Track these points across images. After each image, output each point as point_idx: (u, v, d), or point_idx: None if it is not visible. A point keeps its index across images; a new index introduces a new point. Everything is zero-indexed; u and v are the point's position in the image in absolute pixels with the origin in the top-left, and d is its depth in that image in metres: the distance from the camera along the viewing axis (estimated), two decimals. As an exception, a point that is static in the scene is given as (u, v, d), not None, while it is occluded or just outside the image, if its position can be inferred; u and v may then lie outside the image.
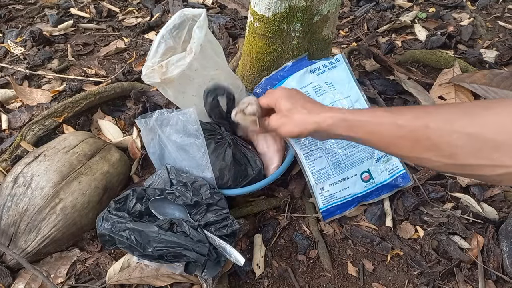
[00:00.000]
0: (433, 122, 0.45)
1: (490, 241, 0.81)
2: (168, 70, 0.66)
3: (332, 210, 0.85)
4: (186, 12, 0.70)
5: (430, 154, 0.46)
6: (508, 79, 1.12)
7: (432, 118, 0.46)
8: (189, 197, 0.73)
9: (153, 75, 0.66)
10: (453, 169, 0.46)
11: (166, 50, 0.73)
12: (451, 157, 0.44)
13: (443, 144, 0.44)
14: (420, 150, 0.47)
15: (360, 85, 0.93)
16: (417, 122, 0.47)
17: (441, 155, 0.45)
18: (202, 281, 0.72)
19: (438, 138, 0.44)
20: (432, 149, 0.46)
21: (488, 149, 0.41)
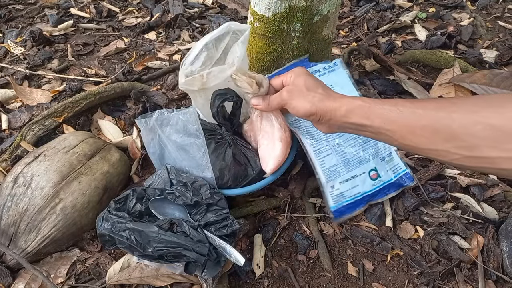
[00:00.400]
0: (456, 112, 0.44)
1: (490, 241, 0.81)
2: (208, 80, 0.67)
3: (343, 209, 0.85)
4: (232, 25, 0.72)
5: (449, 145, 0.45)
6: (508, 79, 1.12)
7: (455, 108, 0.44)
8: (189, 197, 0.73)
9: (192, 83, 0.68)
10: (471, 162, 0.45)
11: (206, 59, 0.74)
12: (471, 149, 0.43)
13: (465, 135, 0.43)
14: (439, 141, 0.46)
15: (360, 85, 0.93)
16: (439, 112, 0.46)
17: (461, 147, 0.44)
18: (202, 281, 0.72)
19: (460, 128, 0.43)
20: (452, 140, 0.44)
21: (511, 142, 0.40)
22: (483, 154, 0.42)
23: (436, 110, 0.46)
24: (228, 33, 0.75)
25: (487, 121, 0.41)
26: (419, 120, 0.48)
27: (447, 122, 0.44)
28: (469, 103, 0.45)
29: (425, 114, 0.47)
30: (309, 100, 0.59)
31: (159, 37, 1.53)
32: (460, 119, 0.43)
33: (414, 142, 0.49)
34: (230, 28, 0.73)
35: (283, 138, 0.76)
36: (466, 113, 0.43)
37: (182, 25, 1.58)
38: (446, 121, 0.45)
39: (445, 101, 0.48)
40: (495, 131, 0.41)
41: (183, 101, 1.19)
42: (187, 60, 0.73)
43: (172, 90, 1.23)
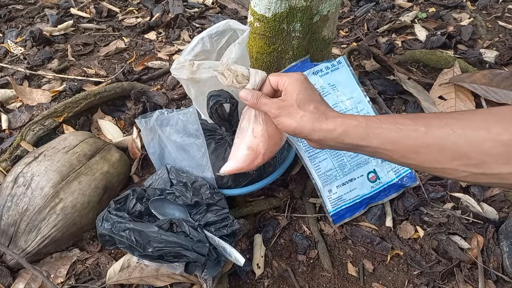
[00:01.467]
0: (462, 128, 0.42)
1: (490, 241, 0.81)
2: (198, 70, 0.66)
3: (342, 213, 0.85)
4: (231, 24, 0.72)
5: (457, 163, 0.43)
6: (508, 79, 1.12)
7: (461, 124, 0.42)
8: (189, 197, 0.73)
9: (181, 71, 0.67)
10: (480, 179, 0.43)
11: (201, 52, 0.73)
12: (481, 166, 0.41)
13: (473, 153, 0.41)
14: (445, 160, 0.44)
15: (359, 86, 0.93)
16: (444, 129, 0.43)
17: (469, 165, 0.42)
18: (202, 281, 0.72)
19: (469, 146, 0.41)
20: (460, 158, 0.42)
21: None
22: (493, 171, 0.41)
23: (440, 127, 0.44)
24: (227, 31, 0.74)
25: (497, 137, 0.39)
26: (423, 139, 0.45)
27: (454, 140, 0.42)
28: (476, 118, 0.43)
29: (428, 132, 0.44)
30: (297, 120, 0.54)
31: (159, 37, 1.53)
32: (468, 136, 0.41)
33: (418, 161, 0.47)
34: (229, 26, 0.73)
35: (251, 147, 0.67)
36: (474, 130, 0.41)
37: (182, 25, 1.58)
38: (452, 139, 0.42)
39: (449, 116, 0.45)
40: (506, 148, 0.39)
41: (183, 101, 1.19)
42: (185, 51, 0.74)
43: (172, 90, 1.23)
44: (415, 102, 1.16)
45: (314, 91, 0.57)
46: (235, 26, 0.73)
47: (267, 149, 0.67)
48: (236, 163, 0.67)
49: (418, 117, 0.47)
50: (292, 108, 0.55)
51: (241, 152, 0.67)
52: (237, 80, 0.62)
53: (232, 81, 0.62)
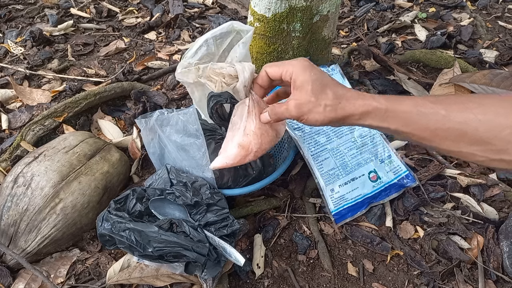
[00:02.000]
0: (483, 114, 0.42)
1: (490, 241, 0.81)
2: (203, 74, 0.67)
3: (344, 212, 0.85)
4: (235, 25, 0.72)
5: (475, 148, 0.43)
6: (508, 79, 1.12)
7: (482, 110, 0.42)
8: (189, 197, 0.73)
9: (187, 75, 0.67)
10: (497, 164, 0.43)
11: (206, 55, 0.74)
12: (499, 152, 0.41)
13: (493, 139, 0.41)
14: (464, 144, 0.44)
15: (360, 85, 0.93)
16: (465, 114, 0.43)
17: (488, 150, 0.42)
18: (202, 281, 0.72)
19: (489, 132, 0.41)
20: (479, 144, 0.43)
21: None
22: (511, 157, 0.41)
23: (461, 111, 0.44)
24: (230, 33, 0.75)
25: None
26: (443, 123, 0.45)
27: (474, 125, 0.42)
28: (496, 105, 0.43)
29: (449, 116, 0.44)
30: (320, 113, 0.53)
31: (159, 37, 1.53)
32: (488, 122, 0.41)
33: (436, 144, 0.47)
34: (232, 28, 0.73)
35: (242, 145, 0.65)
36: (494, 116, 0.41)
37: (182, 25, 1.58)
38: (473, 124, 0.42)
39: (469, 101, 0.45)
40: None
41: (183, 101, 1.19)
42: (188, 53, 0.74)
43: (172, 90, 1.23)
44: (415, 102, 1.16)
45: (323, 75, 0.55)
46: (239, 27, 0.73)
47: (259, 147, 0.65)
48: (226, 159, 0.65)
49: (439, 100, 0.47)
50: (310, 103, 0.53)
51: (231, 149, 0.65)
52: (225, 83, 0.60)
53: (221, 85, 0.60)
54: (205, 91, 0.72)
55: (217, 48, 0.75)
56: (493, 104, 0.43)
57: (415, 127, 0.48)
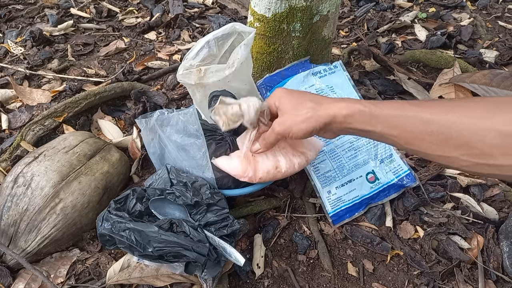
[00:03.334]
0: (468, 117, 0.42)
1: (490, 241, 0.81)
2: (205, 76, 0.67)
3: (341, 214, 0.85)
4: (236, 27, 0.72)
5: (460, 152, 0.43)
6: (508, 79, 1.12)
7: (466, 113, 0.42)
8: (189, 197, 0.73)
9: (189, 76, 0.68)
10: (481, 169, 0.43)
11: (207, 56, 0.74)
12: (484, 157, 0.41)
13: (478, 142, 0.41)
14: (449, 148, 0.44)
15: (360, 85, 0.93)
16: (449, 117, 0.43)
17: (473, 154, 0.42)
18: (202, 281, 0.72)
19: (473, 136, 0.41)
20: (464, 147, 0.42)
21: None
22: (496, 162, 0.41)
23: (445, 114, 0.43)
24: (232, 34, 0.75)
25: (501, 128, 0.39)
26: (428, 126, 0.45)
27: (458, 129, 0.42)
28: (481, 107, 0.42)
29: (433, 120, 0.44)
30: (303, 120, 0.54)
31: (159, 37, 1.53)
32: (473, 125, 0.41)
33: (422, 148, 0.47)
34: (234, 29, 0.73)
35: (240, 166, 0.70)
36: (479, 120, 0.41)
37: (182, 25, 1.58)
38: (457, 128, 0.42)
39: (454, 105, 0.45)
40: (506, 139, 0.39)
41: (183, 101, 1.19)
42: (189, 55, 0.74)
43: (172, 90, 1.23)
44: (415, 102, 1.16)
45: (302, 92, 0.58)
46: (240, 29, 0.73)
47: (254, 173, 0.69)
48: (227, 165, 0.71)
49: (423, 104, 0.47)
50: (292, 116, 0.55)
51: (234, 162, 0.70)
52: (232, 121, 0.61)
53: (228, 125, 0.62)
54: (206, 92, 0.73)
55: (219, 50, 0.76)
56: (478, 107, 0.43)
57: (400, 130, 0.48)
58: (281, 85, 0.93)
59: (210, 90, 0.72)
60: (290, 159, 0.70)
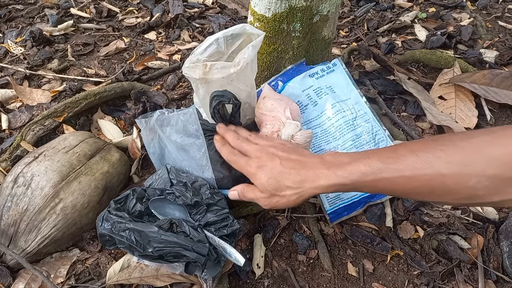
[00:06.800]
0: (446, 168, 0.43)
1: (490, 241, 0.81)
2: (210, 71, 0.67)
3: (339, 211, 0.85)
4: (247, 28, 0.73)
5: (448, 198, 0.45)
6: (508, 79, 1.13)
7: (444, 164, 0.43)
8: (189, 197, 0.73)
9: (194, 70, 0.68)
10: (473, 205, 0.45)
11: (215, 53, 0.74)
12: (471, 198, 0.42)
13: (462, 189, 0.42)
14: (436, 196, 0.45)
15: (359, 86, 0.93)
16: (429, 171, 0.44)
17: (460, 198, 0.43)
18: (202, 281, 0.72)
19: (456, 184, 0.42)
20: (450, 195, 0.44)
21: (510, 186, 0.40)
22: (485, 200, 0.42)
23: (424, 169, 0.44)
24: (242, 35, 0.75)
25: (482, 173, 0.40)
26: (411, 182, 0.46)
27: (441, 180, 0.43)
28: (455, 152, 0.43)
29: (415, 177, 0.45)
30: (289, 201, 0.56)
31: (159, 37, 1.53)
32: (454, 176, 0.42)
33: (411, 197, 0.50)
34: (244, 30, 0.74)
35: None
36: (457, 167, 0.42)
37: (182, 25, 1.58)
38: (439, 180, 0.43)
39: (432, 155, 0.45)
40: (491, 181, 0.40)
41: (183, 101, 1.19)
42: (197, 50, 0.74)
43: (172, 90, 1.23)
44: (415, 102, 1.16)
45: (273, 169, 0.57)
46: (250, 31, 0.73)
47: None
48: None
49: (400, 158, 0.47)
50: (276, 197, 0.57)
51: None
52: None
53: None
54: (209, 88, 0.73)
55: (227, 48, 0.76)
56: (453, 153, 0.43)
57: (384, 191, 0.49)
58: (279, 92, 0.93)
59: (214, 86, 0.72)
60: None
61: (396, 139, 1.00)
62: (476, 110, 1.11)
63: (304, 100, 0.92)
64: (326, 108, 0.91)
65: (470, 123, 1.08)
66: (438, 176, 0.43)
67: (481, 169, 0.41)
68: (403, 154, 0.47)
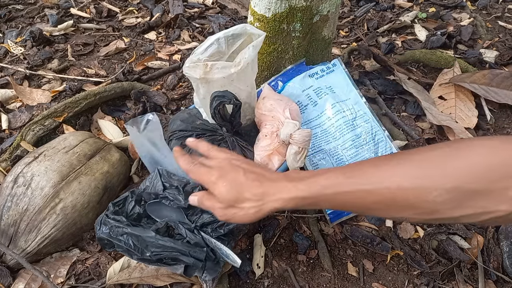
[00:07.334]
0: (405, 181, 0.42)
1: (490, 241, 0.81)
2: (211, 71, 0.67)
3: (339, 211, 0.85)
4: (248, 28, 0.73)
5: (409, 213, 0.44)
6: (508, 79, 1.13)
7: (404, 177, 0.43)
8: (182, 200, 0.72)
9: (195, 70, 0.68)
10: (435, 221, 0.44)
11: (215, 53, 0.74)
12: (432, 213, 0.42)
13: (422, 203, 0.41)
14: (397, 211, 0.44)
15: (359, 86, 0.93)
16: (388, 184, 0.43)
17: (421, 213, 0.43)
18: (202, 281, 0.72)
19: (416, 198, 0.42)
20: (411, 209, 0.43)
21: (471, 199, 0.39)
22: (446, 215, 0.41)
23: (387, 182, 0.44)
24: (242, 35, 0.75)
25: (441, 186, 0.40)
26: (369, 197, 0.45)
27: (401, 194, 0.43)
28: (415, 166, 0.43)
29: (376, 190, 0.44)
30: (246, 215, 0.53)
31: (159, 37, 1.53)
32: (415, 190, 0.42)
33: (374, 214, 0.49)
34: (245, 30, 0.74)
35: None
36: (419, 181, 0.42)
37: (182, 25, 1.58)
38: (400, 194, 0.43)
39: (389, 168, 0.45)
40: (451, 194, 0.40)
41: (183, 101, 1.19)
42: (198, 49, 0.74)
43: (172, 90, 1.23)
44: (415, 102, 1.16)
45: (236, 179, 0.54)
46: (251, 31, 0.73)
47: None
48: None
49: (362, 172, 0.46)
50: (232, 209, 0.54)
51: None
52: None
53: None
54: (209, 88, 0.73)
55: (228, 48, 0.76)
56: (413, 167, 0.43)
57: (346, 206, 0.49)
58: (279, 92, 0.93)
59: (214, 86, 0.72)
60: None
61: (396, 139, 1.00)
62: (476, 110, 1.11)
63: (304, 100, 0.92)
64: (326, 108, 0.91)
65: (470, 123, 1.08)
66: (397, 190, 0.43)
67: (441, 182, 0.40)
68: (365, 169, 0.47)
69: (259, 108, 0.81)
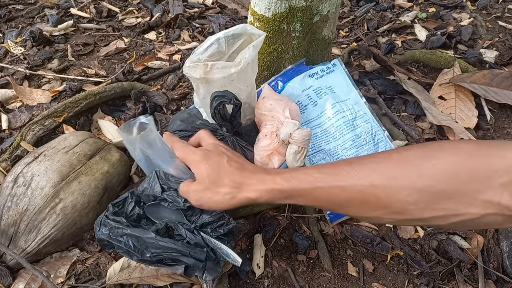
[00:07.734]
0: (378, 180, 0.43)
1: (490, 241, 0.81)
2: (211, 71, 0.67)
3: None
4: (248, 28, 0.73)
5: (380, 212, 0.44)
6: (508, 79, 1.13)
7: (377, 176, 0.43)
8: (181, 202, 0.72)
9: (195, 70, 0.68)
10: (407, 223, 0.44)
11: (215, 53, 0.74)
12: (403, 213, 0.42)
13: (394, 203, 0.42)
14: (368, 210, 0.45)
15: (359, 86, 0.93)
16: (362, 181, 0.44)
17: (392, 213, 0.43)
18: (202, 281, 0.72)
19: (387, 197, 0.42)
20: (382, 208, 0.43)
21: (441, 201, 0.39)
22: (416, 216, 0.41)
23: (357, 179, 0.45)
24: (243, 35, 0.75)
25: (412, 185, 0.40)
26: (343, 194, 0.46)
27: (373, 192, 0.43)
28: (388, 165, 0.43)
29: (349, 187, 0.45)
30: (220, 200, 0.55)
31: (159, 37, 1.53)
32: (386, 188, 0.42)
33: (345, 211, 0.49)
34: (245, 30, 0.73)
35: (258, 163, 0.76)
36: (389, 179, 0.42)
37: (182, 25, 1.58)
38: (371, 191, 0.43)
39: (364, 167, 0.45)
40: (422, 194, 0.40)
41: (183, 101, 1.19)
42: (198, 49, 0.74)
43: (172, 90, 1.23)
44: (415, 102, 1.16)
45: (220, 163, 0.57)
46: (251, 31, 0.73)
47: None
48: None
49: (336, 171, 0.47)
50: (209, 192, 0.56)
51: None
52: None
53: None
54: (209, 88, 0.73)
55: (228, 48, 0.76)
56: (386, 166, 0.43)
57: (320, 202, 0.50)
58: (279, 92, 0.93)
59: (214, 86, 0.72)
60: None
61: (396, 139, 1.00)
62: (476, 110, 1.11)
63: (304, 100, 0.92)
64: (326, 108, 0.91)
65: (470, 123, 1.08)
66: (370, 188, 0.43)
67: (411, 181, 0.40)
68: (342, 167, 0.48)
69: (259, 108, 0.81)
